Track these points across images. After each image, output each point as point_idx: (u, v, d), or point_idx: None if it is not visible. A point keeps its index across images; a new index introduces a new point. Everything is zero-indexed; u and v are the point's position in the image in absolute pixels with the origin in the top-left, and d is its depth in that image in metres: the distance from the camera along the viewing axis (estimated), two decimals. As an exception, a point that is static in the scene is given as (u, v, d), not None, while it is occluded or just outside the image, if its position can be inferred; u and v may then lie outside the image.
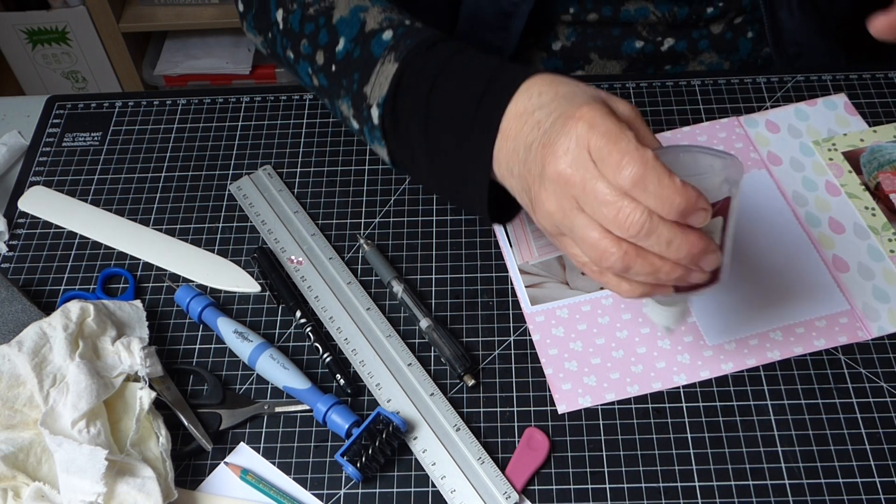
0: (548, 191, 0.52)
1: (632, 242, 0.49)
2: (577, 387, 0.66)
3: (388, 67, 0.61)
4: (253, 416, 0.65)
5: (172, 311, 0.72)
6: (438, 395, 0.65)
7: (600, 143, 0.49)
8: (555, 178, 0.51)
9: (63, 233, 0.77)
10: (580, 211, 0.51)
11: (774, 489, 0.60)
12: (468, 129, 0.57)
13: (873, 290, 0.69)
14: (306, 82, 0.72)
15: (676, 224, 0.49)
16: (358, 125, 0.66)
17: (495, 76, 0.57)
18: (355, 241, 0.75)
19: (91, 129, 0.85)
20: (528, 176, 0.53)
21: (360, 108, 0.64)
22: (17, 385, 0.62)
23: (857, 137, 0.79)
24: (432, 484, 0.62)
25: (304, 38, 0.68)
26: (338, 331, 0.69)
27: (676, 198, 0.47)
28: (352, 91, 0.64)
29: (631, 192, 0.48)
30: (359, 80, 0.63)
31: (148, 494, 0.58)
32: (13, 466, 0.59)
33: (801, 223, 0.74)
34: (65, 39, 1.82)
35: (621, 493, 0.61)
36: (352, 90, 0.64)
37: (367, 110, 0.63)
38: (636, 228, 0.48)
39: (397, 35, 0.63)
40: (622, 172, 0.48)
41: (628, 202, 0.48)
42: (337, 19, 0.66)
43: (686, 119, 0.81)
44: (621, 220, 0.48)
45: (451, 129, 0.58)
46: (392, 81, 0.61)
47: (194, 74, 1.84)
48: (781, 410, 0.64)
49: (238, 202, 0.78)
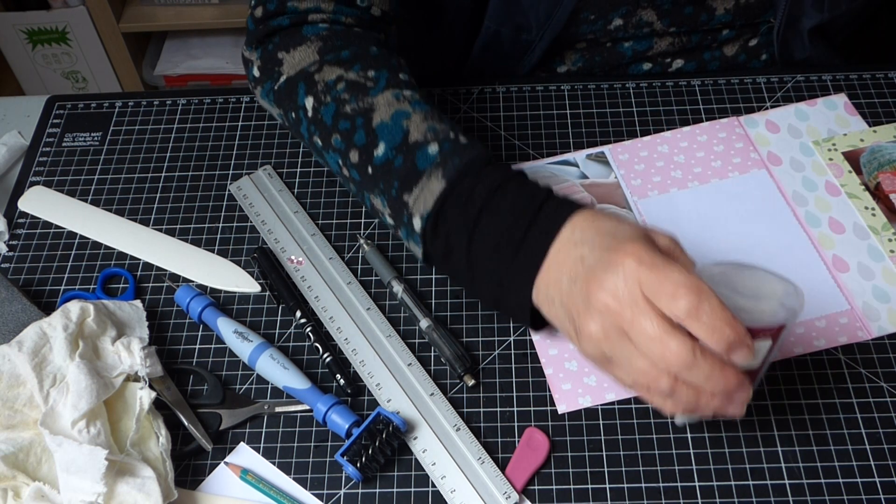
0: (594, 319, 0.53)
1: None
2: (577, 387, 0.66)
3: (435, 184, 0.61)
4: (253, 416, 0.65)
5: (172, 311, 0.72)
6: (438, 395, 0.65)
7: (650, 277, 0.50)
8: (602, 309, 0.52)
9: (63, 233, 0.77)
10: (628, 340, 0.51)
11: (774, 489, 0.60)
12: (512, 258, 0.58)
13: (873, 290, 0.69)
14: (333, 168, 0.71)
15: (716, 360, 0.50)
16: (393, 223, 0.66)
17: (542, 208, 0.59)
18: (355, 241, 0.75)
19: (91, 129, 0.85)
20: (572, 305, 0.54)
21: (400, 214, 0.64)
22: (17, 385, 0.62)
23: (857, 137, 0.79)
24: (432, 484, 0.62)
25: (337, 133, 0.68)
26: (338, 331, 0.69)
27: (727, 329, 0.49)
28: (390, 195, 0.64)
29: (685, 321, 0.49)
30: (399, 187, 0.63)
31: (148, 494, 0.58)
32: (13, 466, 0.59)
33: (801, 223, 0.74)
34: (65, 39, 1.82)
35: (621, 493, 0.61)
36: (390, 194, 0.64)
37: (409, 218, 0.63)
38: (679, 366, 0.49)
39: (444, 151, 0.63)
40: (678, 303, 0.49)
41: (674, 340, 0.49)
42: (377, 123, 0.65)
43: (686, 119, 0.81)
44: (667, 357, 0.50)
45: (496, 257, 0.59)
46: (438, 199, 0.61)
47: (194, 74, 1.84)
48: (781, 410, 0.64)
49: (238, 202, 0.78)
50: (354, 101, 0.67)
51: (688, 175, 0.77)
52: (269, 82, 0.73)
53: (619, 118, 0.82)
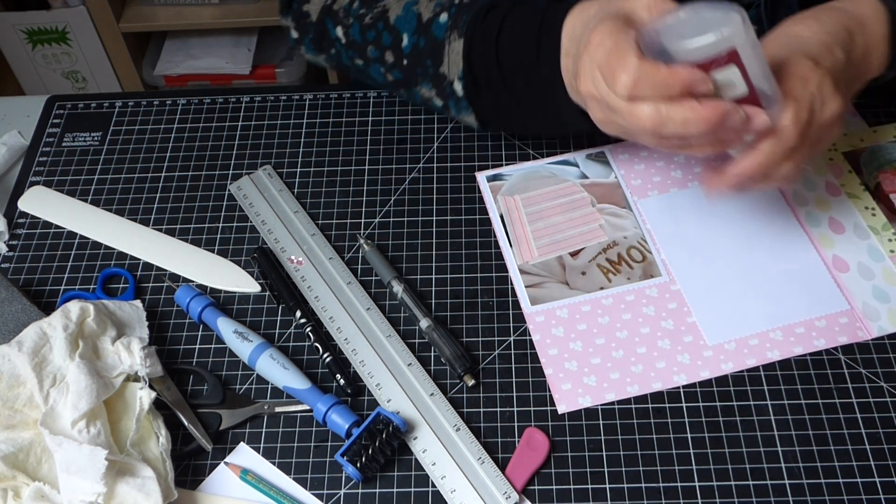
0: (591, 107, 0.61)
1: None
2: (577, 387, 0.66)
3: (456, 45, 0.69)
4: (253, 416, 0.65)
5: (172, 311, 0.72)
6: (438, 395, 0.65)
7: (602, 61, 0.56)
8: (588, 97, 0.60)
9: (63, 233, 0.77)
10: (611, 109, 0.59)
11: (774, 489, 0.60)
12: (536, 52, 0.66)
13: (873, 290, 0.69)
14: (380, 81, 0.78)
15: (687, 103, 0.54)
16: (442, 102, 0.73)
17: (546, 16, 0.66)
18: (355, 241, 0.75)
19: (91, 129, 0.85)
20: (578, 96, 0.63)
21: (442, 87, 0.72)
22: (17, 385, 0.62)
23: (857, 137, 0.79)
24: (432, 484, 0.62)
25: (369, 44, 0.75)
26: (338, 331, 0.69)
27: (671, 82, 0.54)
28: (429, 75, 0.72)
29: (633, 97, 0.55)
30: (432, 64, 0.71)
31: (148, 494, 0.58)
32: (13, 466, 0.59)
33: (801, 223, 0.74)
34: (65, 39, 1.82)
35: (621, 493, 0.61)
36: (428, 74, 0.72)
37: (450, 87, 0.71)
38: (651, 127, 0.55)
39: (452, 15, 0.70)
40: (618, 86, 0.55)
41: (638, 108, 0.55)
42: (394, 19, 0.73)
43: (686, 119, 0.81)
44: (643, 125, 0.56)
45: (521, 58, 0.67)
46: (464, 54, 0.69)
47: (194, 74, 1.84)
48: (781, 410, 0.64)
49: (238, 202, 0.78)
50: (370, 11, 0.74)
51: (688, 175, 0.77)
52: (306, 36, 0.79)
53: (619, 118, 0.82)
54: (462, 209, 0.76)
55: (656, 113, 0.55)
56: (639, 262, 0.72)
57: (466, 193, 0.78)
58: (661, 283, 0.71)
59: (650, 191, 0.76)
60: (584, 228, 0.74)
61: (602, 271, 0.72)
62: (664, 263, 0.72)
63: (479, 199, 0.77)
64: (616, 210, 0.75)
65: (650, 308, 0.69)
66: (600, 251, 0.73)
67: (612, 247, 0.73)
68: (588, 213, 0.75)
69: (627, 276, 0.71)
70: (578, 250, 0.73)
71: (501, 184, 0.78)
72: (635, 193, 0.76)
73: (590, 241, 0.73)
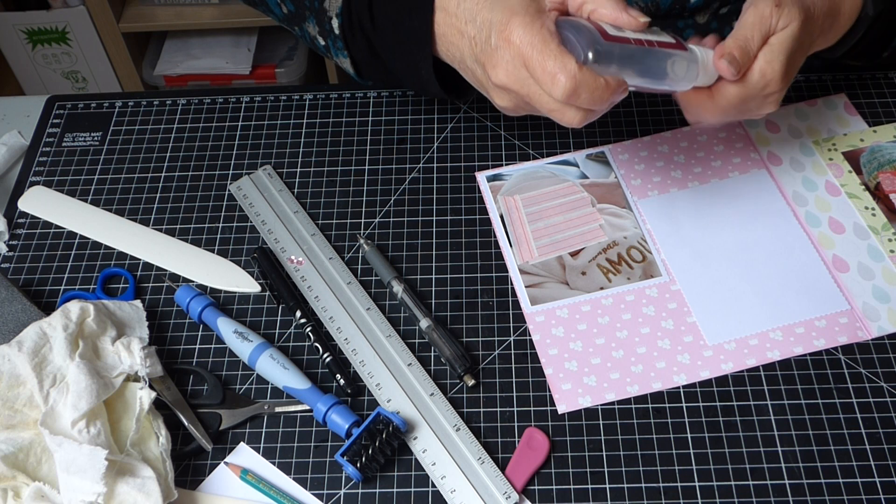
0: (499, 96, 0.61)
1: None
2: (577, 387, 0.66)
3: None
4: (253, 416, 0.65)
5: (172, 311, 0.72)
6: (438, 395, 0.65)
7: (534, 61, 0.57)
8: (502, 86, 0.60)
9: (63, 233, 0.77)
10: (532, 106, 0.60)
11: (774, 489, 0.60)
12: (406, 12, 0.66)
13: (873, 290, 0.69)
14: (277, 13, 0.77)
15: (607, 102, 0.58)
16: (323, 41, 0.73)
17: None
18: (355, 241, 0.75)
19: (91, 129, 0.85)
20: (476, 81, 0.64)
21: (324, 23, 0.72)
22: (17, 385, 0.62)
23: (857, 137, 0.79)
24: (432, 484, 0.62)
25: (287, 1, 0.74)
26: (338, 331, 0.69)
27: (605, 96, 0.57)
28: (314, 10, 0.72)
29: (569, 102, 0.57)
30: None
31: (148, 494, 0.58)
32: (13, 466, 0.59)
33: (801, 223, 0.74)
34: (65, 39, 1.82)
35: (621, 493, 0.61)
36: (314, 9, 0.72)
37: (329, 23, 0.71)
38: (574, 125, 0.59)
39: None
40: (556, 89, 0.56)
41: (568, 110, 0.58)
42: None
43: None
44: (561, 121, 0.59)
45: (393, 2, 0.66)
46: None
47: (194, 74, 1.84)
48: (781, 410, 0.64)
49: (238, 202, 0.78)
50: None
51: (688, 175, 0.77)
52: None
53: (619, 118, 0.82)
54: (462, 209, 0.77)
55: (584, 117, 0.59)
56: (639, 262, 0.72)
57: (466, 193, 0.78)
58: (661, 283, 0.71)
59: (650, 191, 0.76)
60: (584, 228, 0.74)
61: (602, 271, 0.72)
62: (664, 263, 0.72)
63: (479, 199, 0.77)
64: (616, 210, 0.75)
65: (650, 308, 0.69)
66: (600, 251, 0.73)
67: (612, 247, 0.73)
68: (588, 214, 0.75)
69: (627, 276, 0.71)
70: (578, 250, 0.73)
71: (501, 184, 0.78)
72: (635, 193, 0.76)
73: (590, 242, 0.74)
